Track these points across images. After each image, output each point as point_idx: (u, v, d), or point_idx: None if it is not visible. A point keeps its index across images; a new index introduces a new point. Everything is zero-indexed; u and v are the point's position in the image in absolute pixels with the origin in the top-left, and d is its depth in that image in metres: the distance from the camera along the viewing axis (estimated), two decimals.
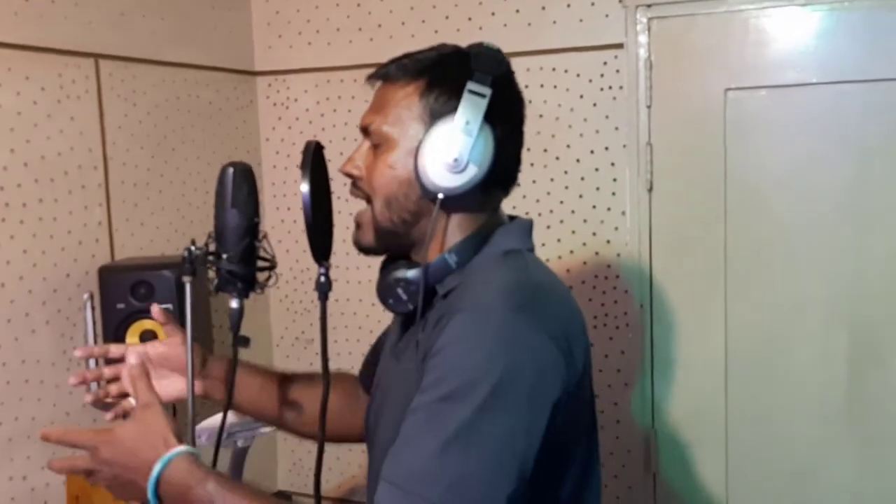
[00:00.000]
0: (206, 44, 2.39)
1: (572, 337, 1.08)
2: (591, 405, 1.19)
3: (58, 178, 1.95)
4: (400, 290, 1.13)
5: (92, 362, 1.75)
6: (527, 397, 1.00)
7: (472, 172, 1.09)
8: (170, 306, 1.91)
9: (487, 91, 1.09)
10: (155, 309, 1.33)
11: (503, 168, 1.14)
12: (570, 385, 1.06)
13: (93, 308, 1.99)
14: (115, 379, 1.34)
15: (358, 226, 1.19)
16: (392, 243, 1.18)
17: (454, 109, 1.09)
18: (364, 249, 1.20)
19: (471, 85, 1.08)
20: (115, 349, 1.36)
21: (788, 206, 2.06)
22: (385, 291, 1.14)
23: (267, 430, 1.76)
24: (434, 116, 1.10)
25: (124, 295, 1.91)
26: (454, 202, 1.12)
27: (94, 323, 2.00)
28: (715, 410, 2.16)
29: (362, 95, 2.64)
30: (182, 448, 1.03)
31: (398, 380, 1.18)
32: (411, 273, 1.12)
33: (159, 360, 1.35)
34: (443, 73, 1.12)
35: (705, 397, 2.16)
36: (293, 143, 2.59)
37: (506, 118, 1.14)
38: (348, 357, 2.54)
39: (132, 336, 1.92)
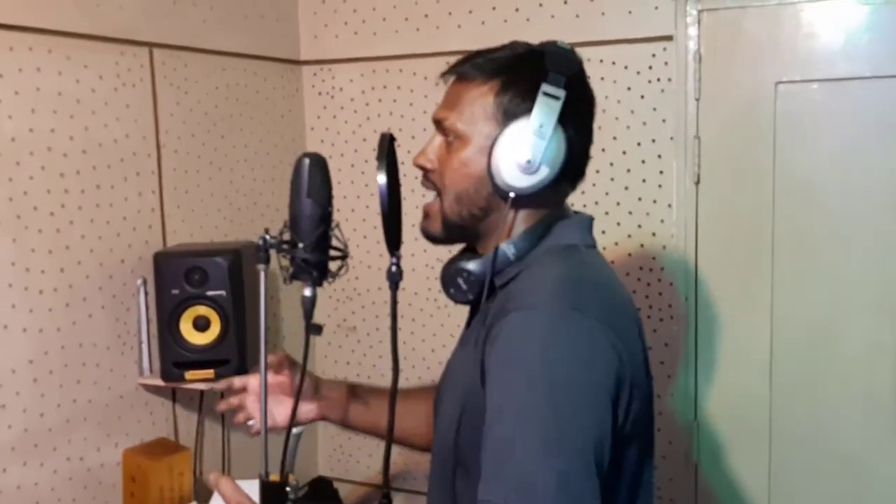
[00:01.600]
0: (254, 33, 2.42)
1: (625, 334, 1.09)
2: (650, 401, 1.20)
3: (114, 164, 1.98)
4: (461, 281, 1.17)
5: None
6: (592, 392, 1.01)
7: (543, 173, 1.12)
8: (223, 292, 1.95)
9: (561, 93, 1.10)
10: (272, 359, 1.37)
11: (573, 166, 1.17)
12: (626, 378, 1.07)
13: (146, 293, 2.03)
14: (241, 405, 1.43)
15: (426, 215, 1.22)
16: (459, 235, 1.22)
17: (528, 111, 1.11)
18: (431, 238, 1.23)
19: (545, 87, 1.11)
20: (238, 381, 1.42)
21: (838, 199, 2.05)
22: (447, 281, 1.19)
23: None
24: (508, 117, 1.13)
25: (178, 281, 1.94)
26: (524, 199, 1.15)
27: (147, 308, 2.03)
28: (759, 403, 2.16)
29: (407, 85, 2.68)
30: None
31: (459, 367, 1.21)
32: (472, 264, 1.16)
33: (274, 386, 1.40)
34: (517, 74, 1.14)
35: (749, 390, 2.17)
36: (338, 131, 2.61)
37: (578, 118, 1.16)
38: (411, 347, 2.55)
39: (186, 321, 1.95)
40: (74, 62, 1.88)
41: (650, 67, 2.19)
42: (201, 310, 1.96)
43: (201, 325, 1.96)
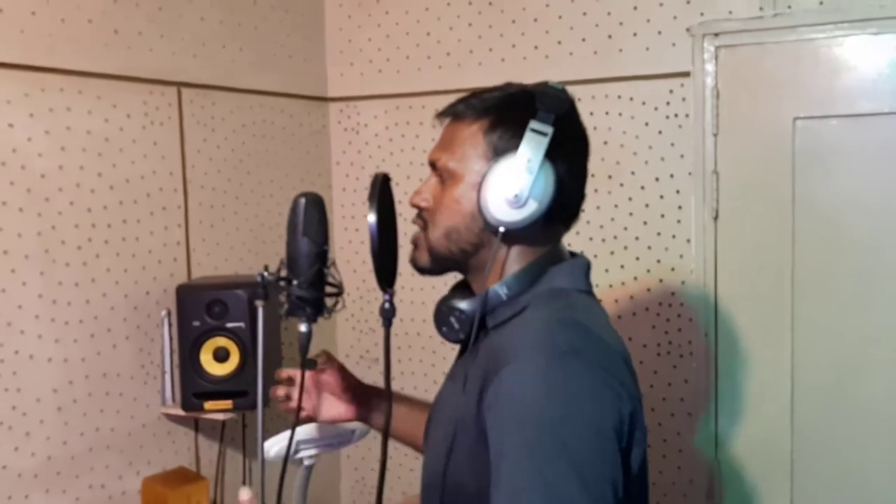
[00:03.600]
0: (282, 71, 2.49)
1: (619, 375, 1.09)
2: (644, 449, 1.20)
3: (141, 200, 2.05)
4: (453, 319, 1.18)
5: None
6: (601, 437, 1.02)
7: (532, 208, 1.13)
8: (242, 324, 2.00)
9: (549, 129, 1.12)
10: (321, 359, 1.45)
11: (564, 203, 1.17)
12: (627, 418, 1.07)
13: (170, 325, 2.09)
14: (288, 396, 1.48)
15: (415, 246, 1.24)
16: (448, 267, 1.24)
17: (516, 147, 1.13)
18: (420, 270, 1.24)
19: (533, 124, 1.12)
20: (284, 373, 1.48)
21: (859, 236, 2.03)
22: (440, 320, 1.20)
23: (331, 448, 1.80)
24: (497, 153, 1.15)
25: (200, 313, 1.99)
26: (515, 235, 1.16)
27: (171, 339, 2.09)
28: (781, 442, 2.12)
29: (430, 121, 2.71)
30: None
31: (447, 401, 1.23)
32: (464, 304, 1.17)
33: (322, 385, 1.49)
34: (507, 112, 1.16)
35: (771, 428, 2.13)
36: (363, 166, 2.66)
37: (568, 155, 1.17)
38: (411, 377, 2.59)
39: (206, 352, 2.00)
40: (104, 102, 1.96)
41: (668, 103, 2.20)
42: (221, 341, 2.00)
43: (221, 356, 2.01)
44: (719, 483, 2.20)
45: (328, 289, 1.18)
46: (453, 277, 1.27)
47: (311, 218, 1.15)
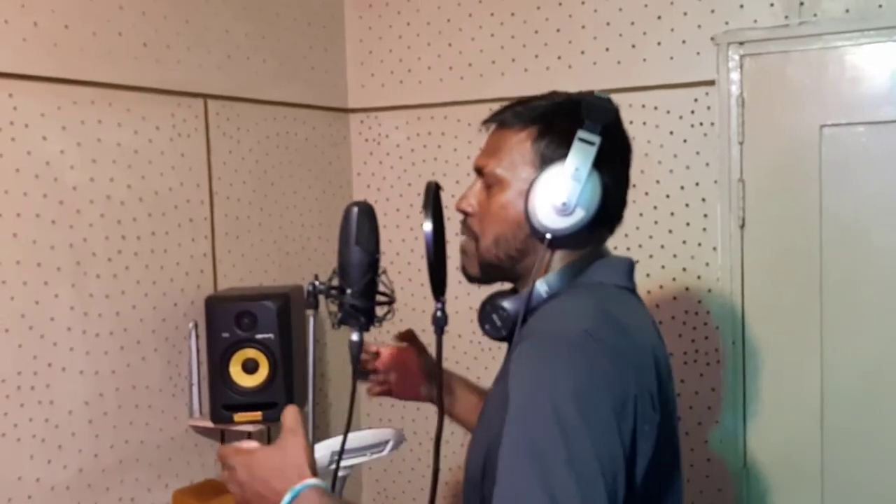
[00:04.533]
0: (304, 83, 2.50)
1: (635, 363, 1.09)
2: (676, 449, 1.20)
3: (168, 211, 2.05)
4: (495, 317, 1.20)
5: None
6: (602, 419, 1.01)
7: (579, 215, 1.14)
8: (271, 335, 1.99)
9: (597, 139, 1.13)
10: (406, 335, 1.57)
11: (609, 210, 1.19)
12: (645, 415, 1.07)
13: (197, 336, 2.08)
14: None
15: (463, 253, 1.25)
16: (497, 275, 1.25)
17: (564, 156, 1.14)
18: (470, 278, 1.26)
19: (581, 133, 1.14)
20: (374, 347, 1.57)
21: (886, 243, 2.03)
22: (483, 318, 1.22)
23: (365, 459, 1.80)
24: (545, 162, 1.16)
25: (229, 324, 1.98)
26: (561, 241, 1.17)
27: (199, 351, 2.08)
28: (810, 450, 2.12)
29: (451, 132, 2.73)
30: (312, 481, 1.06)
31: (491, 403, 1.22)
32: (507, 302, 1.20)
33: (403, 363, 1.55)
34: (554, 121, 1.18)
35: (800, 437, 2.13)
36: (383, 177, 2.66)
37: (613, 164, 1.19)
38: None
39: (235, 364, 1.99)
40: (133, 114, 1.96)
41: (692, 112, 2.21)
42: (250, 353, 2.00)
43: (250, 367, 2.00)
44: (747, 492, 2.19)
45: (379, 297, 1.18)
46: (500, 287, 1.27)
47: (363, 227, 1.16)
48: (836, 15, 2.04)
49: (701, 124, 2.20)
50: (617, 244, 2.32)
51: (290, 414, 1.12)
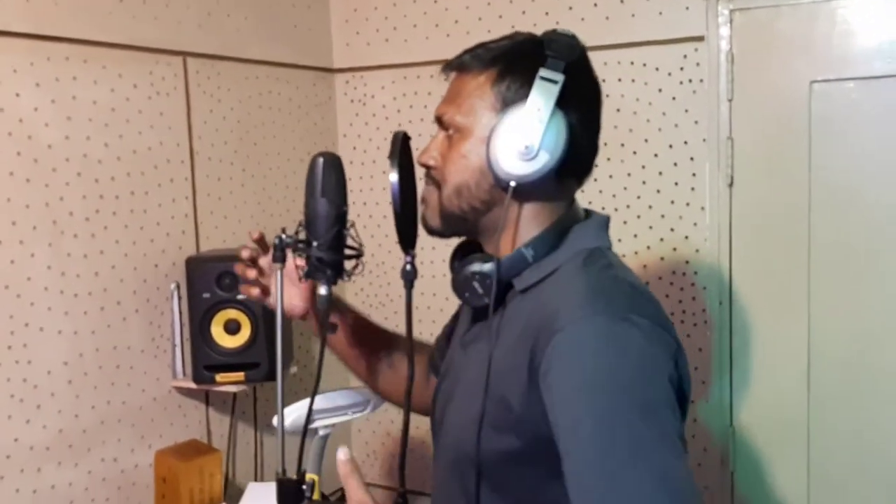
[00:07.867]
0: (287, 42, 2.45)
1: (673, 331, 1.08)
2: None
3: (148, 171, 2.02)
4: (476, 284, 1.12)
5: None
6: (664, 397, 1.00)
7: (543, 160, 1.08)
8: None
9: (560, 77, 1.07)
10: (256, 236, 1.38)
11: (577, 156, 1.12)
12: (678, 378, 1.06)
13: (179, 297, 2.06)
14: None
15: (424, 202, 1.20)
16: (459, 228, 1.19)
17: (526, 97, 1.08)
18: (430, 230, 1.20)
19: (542, 72, 1.07)
20: (245, 253, 1.41)
21: (876, 201, 2.00)
22: (461, 285, 1.14)
23: (346, 418, 1.79)
24: (506, 104, 1.10)
25: (210, 285, 1.97)
26: (527, 191, 1.11)
27: (181, 312, 2.07)
28: (796, 410, 2.10)
29: (438, 91, 2.66)
30: None
31: (467, 370, 1.18)
32: (487, 267, 1.12)
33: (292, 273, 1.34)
34: (515, 61, 1.11)
35: (787, 397, 2.12)
36: (369, 138, 2.63)
37: (580, 104, 1.12)
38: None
39: (217, 325, 1.98)
40: (109, 71, 1.92)
41: (681, 69, 2.17)
42: (232, 313, 1.99)
43: (232, 328, 1.99)
44: (733, 451, 2.19)
45: (348, 251, 1.15)
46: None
47: (330, 178, 1.13)
48: None
49: (690, 81, 2.16)
50: (605, 204, 2.29)
51: (352, 486, 1.05)
